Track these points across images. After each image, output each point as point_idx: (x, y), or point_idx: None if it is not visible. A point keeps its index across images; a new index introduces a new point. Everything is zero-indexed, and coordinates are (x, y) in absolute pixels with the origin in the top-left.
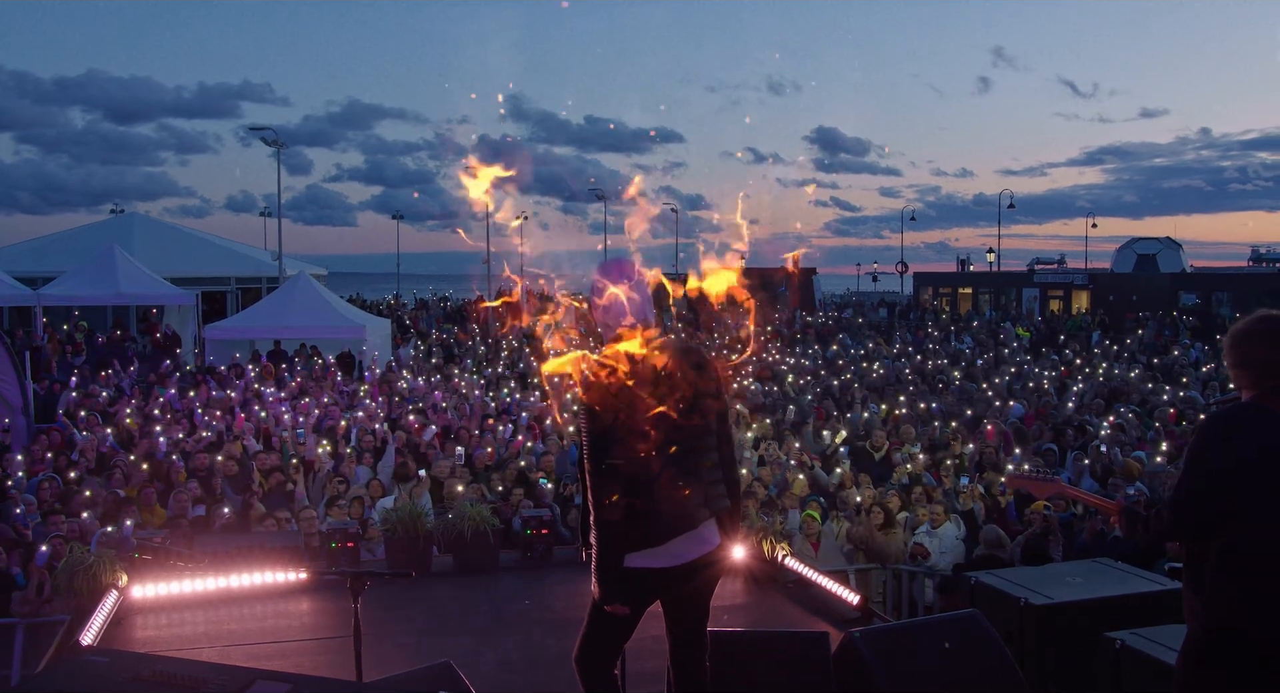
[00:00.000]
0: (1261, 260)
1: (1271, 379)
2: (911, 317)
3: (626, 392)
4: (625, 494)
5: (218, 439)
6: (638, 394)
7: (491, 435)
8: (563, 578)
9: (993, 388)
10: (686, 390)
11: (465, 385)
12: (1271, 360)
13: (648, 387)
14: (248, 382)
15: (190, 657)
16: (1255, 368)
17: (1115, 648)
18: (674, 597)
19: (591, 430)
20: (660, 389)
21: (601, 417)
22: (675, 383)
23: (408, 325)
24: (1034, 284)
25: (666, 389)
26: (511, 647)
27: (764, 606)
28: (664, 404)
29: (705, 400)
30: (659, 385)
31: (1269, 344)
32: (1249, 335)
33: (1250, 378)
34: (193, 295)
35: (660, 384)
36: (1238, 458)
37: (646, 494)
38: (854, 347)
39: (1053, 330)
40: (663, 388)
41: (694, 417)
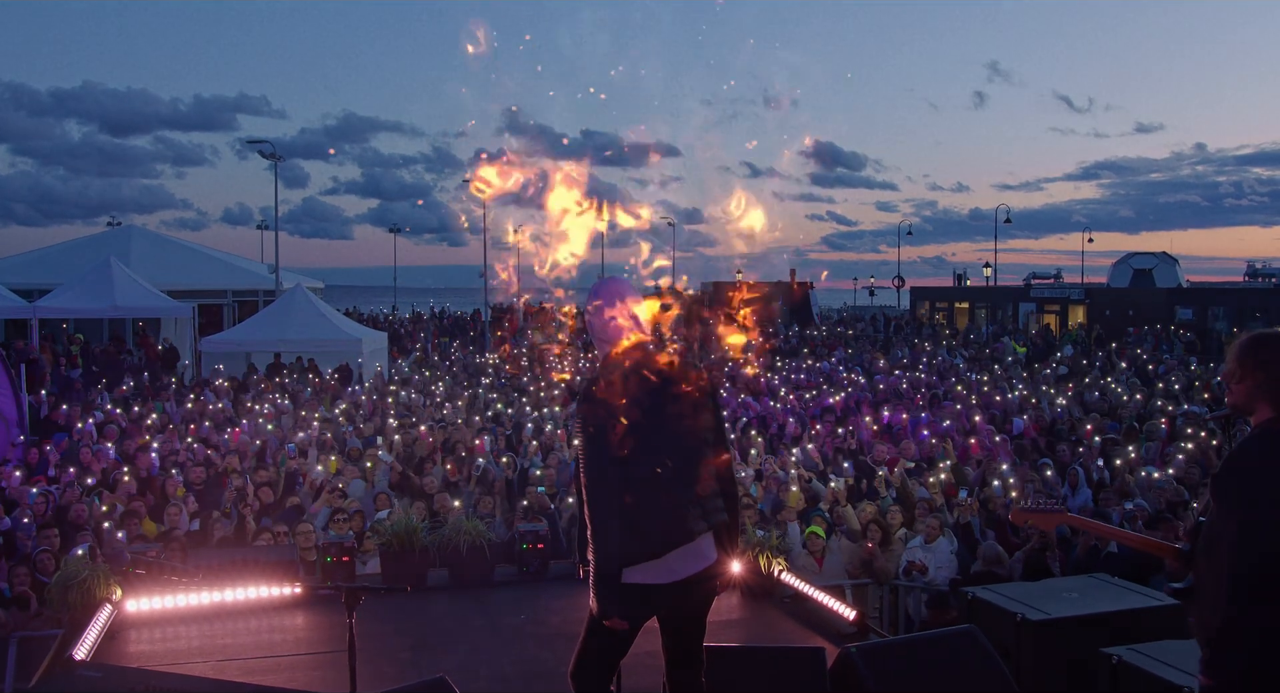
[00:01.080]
0: (1257, 275)
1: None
2: (908, 331)
3: (625, 405)
4: (624, 508)
5: (213, 453)
6: (636, 408)
7: (488, 448)
8: (559, 593)
9: (989, 403)
10: (683, 404)
11: (462, 398)
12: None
13: (646, 400)
14: (245, 394)
15: (184, 672)
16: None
17: (1112, 664)
18: (671, 612)
19: (590, 444)
20: (658, 403)
21: (600, 430)
22: (672, 397)
23: (404, 338)
24: (1030, 299)
25: (664, 403)
26: (507, 662)
27: (760, 620)
28: (662, 418)
29: (702, 414)
30: (657, 399)
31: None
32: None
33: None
34: (189, 308)
35: (657, 398)
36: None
37: (644, 509)
38: (851, 360)
39: (1049, 345)
40: (660, 401)
41: (691, 431)
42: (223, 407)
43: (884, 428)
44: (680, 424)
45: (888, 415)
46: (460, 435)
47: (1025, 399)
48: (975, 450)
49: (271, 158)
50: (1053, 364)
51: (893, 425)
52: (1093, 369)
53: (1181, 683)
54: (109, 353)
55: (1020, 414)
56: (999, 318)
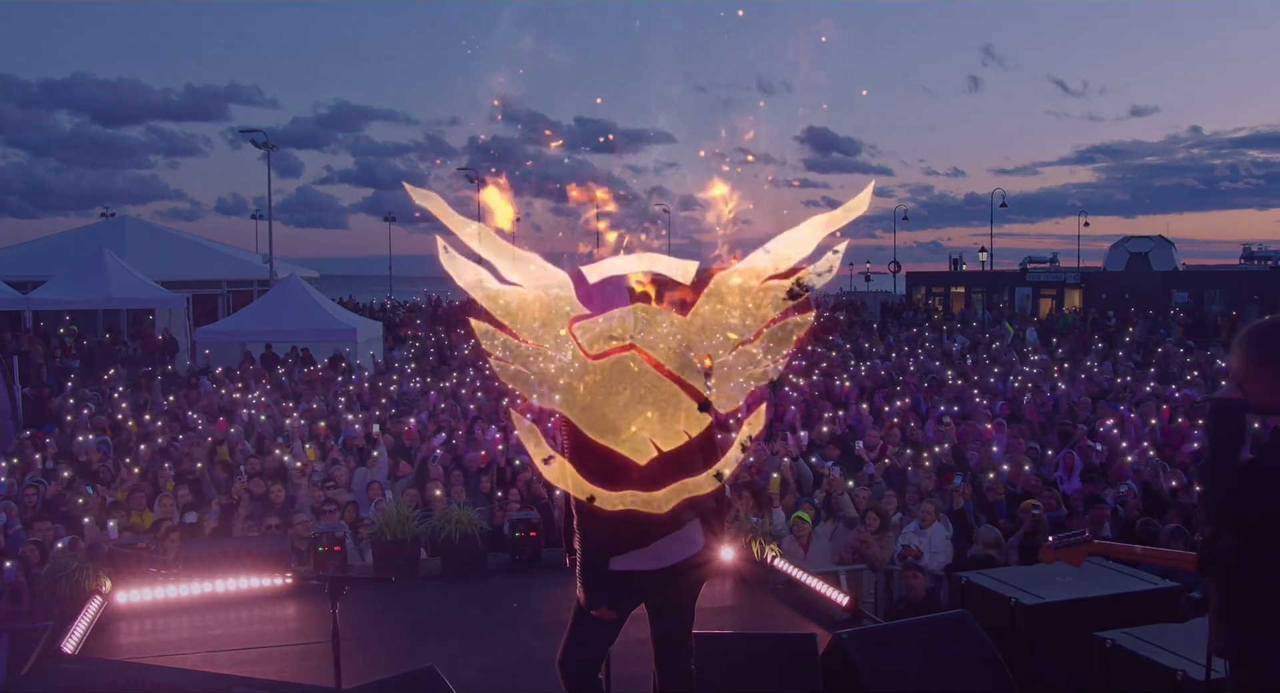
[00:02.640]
0: (1253, 258)
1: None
2: (905, 316)
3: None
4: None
5: (207, 443)
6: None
7: (482, 437)
8: (551, 581)
9: (986, 387)
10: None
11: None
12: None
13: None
14: (238, 385)
15: (173, 663)
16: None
17: (1106, 648)
18: (659, 599)
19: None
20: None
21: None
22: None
23: (400, 327)
24: (1026, 283)
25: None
26: (498, 650)
27: (753, 607)
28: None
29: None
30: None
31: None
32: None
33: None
34: (184, 298)
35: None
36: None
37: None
38: (846, 346)
39: (1044, 329)
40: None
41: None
42: (222, 393)
43: (878, 414)
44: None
45: (895, 405)
46: (455, 424)
47: (1023, 383)
48: (971, 435)
49: (265, 147)
50: (1053, 347)
51: (886, 412)
52: (1089, 352)
53: (1175, 667)
54: (104, 344)
55: (1019, 398)
56: (995, 302)
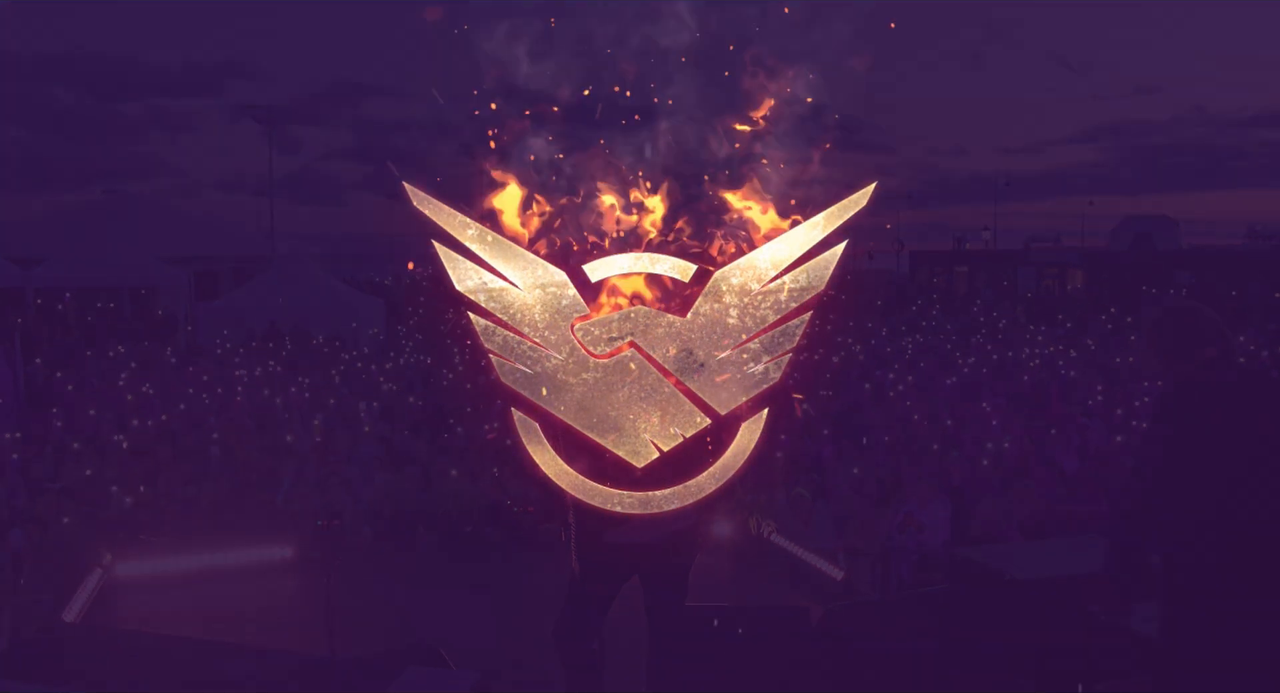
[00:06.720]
0: (1257, 238)
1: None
2: (909, 295)
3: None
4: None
5: (209, 419)
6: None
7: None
8: (547, 554)
9: (988, 364)
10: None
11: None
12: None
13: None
14: (240, 361)
15: (169, 634)
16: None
17: (1095, 623)
18: (652, 570)
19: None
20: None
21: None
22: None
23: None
24: (1030, 263)
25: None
26: (494, 623)
27: (748, 581)
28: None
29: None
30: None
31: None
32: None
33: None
34: (186, 275)
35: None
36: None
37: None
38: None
39: (1049, 307)
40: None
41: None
42: (225, 368)
43: (879, 391)
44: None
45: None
46: (456, 400)
47: (1026, 362)
48: (973, 413)
49: (264, 122)
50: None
51: (888, 390)
52: (1093, 331)
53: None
54: (107, 319)
55: (1022, 376)
56: (999, 282)
